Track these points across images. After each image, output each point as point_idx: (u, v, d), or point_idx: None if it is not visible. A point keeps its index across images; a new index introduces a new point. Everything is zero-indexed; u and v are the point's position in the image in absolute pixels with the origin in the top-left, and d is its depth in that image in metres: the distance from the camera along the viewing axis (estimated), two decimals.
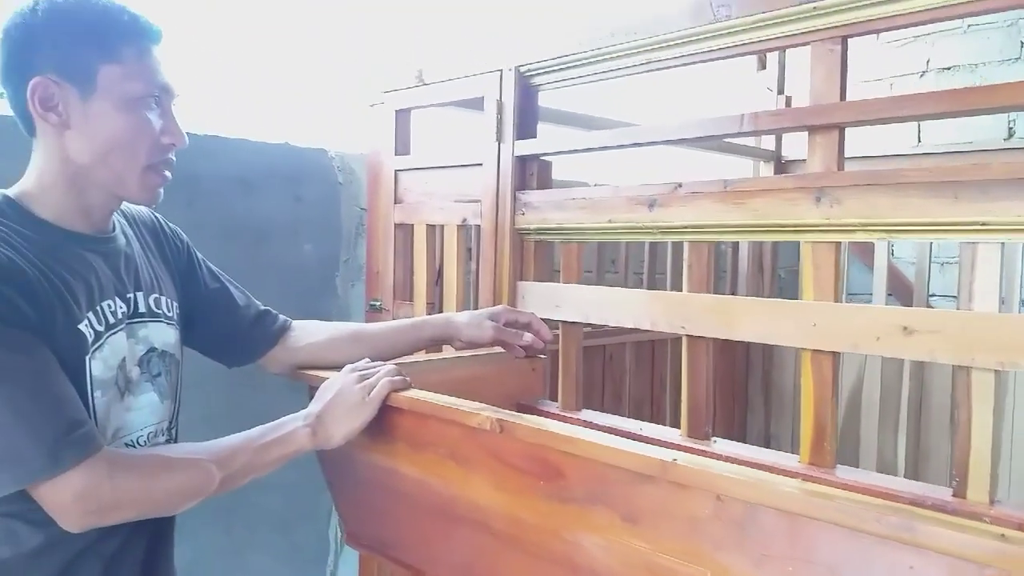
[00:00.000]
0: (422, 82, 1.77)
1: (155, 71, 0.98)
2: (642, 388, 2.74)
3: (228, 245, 1.82)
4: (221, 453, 0.99)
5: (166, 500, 0.95)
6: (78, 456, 0.86)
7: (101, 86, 0.95)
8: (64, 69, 0.94)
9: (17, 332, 0.87)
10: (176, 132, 1.00)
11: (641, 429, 1.36)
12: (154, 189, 1.01)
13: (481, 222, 1.64)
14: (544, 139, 1.57)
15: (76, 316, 0.94)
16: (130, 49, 0.95)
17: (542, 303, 1.53)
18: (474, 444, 0.98)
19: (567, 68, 1.49)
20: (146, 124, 0.97)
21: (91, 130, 0.96)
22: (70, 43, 0.94)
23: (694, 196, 1.27)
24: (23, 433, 0.85)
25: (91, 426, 0.90)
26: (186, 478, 0.95)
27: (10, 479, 0.86)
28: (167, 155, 1.00)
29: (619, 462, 0.81)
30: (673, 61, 1.33)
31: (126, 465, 0.91)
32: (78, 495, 0.86)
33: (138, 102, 0.96)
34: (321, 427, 1.06)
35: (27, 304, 0.88)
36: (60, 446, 0.86)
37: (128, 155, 0.97)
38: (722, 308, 1.25)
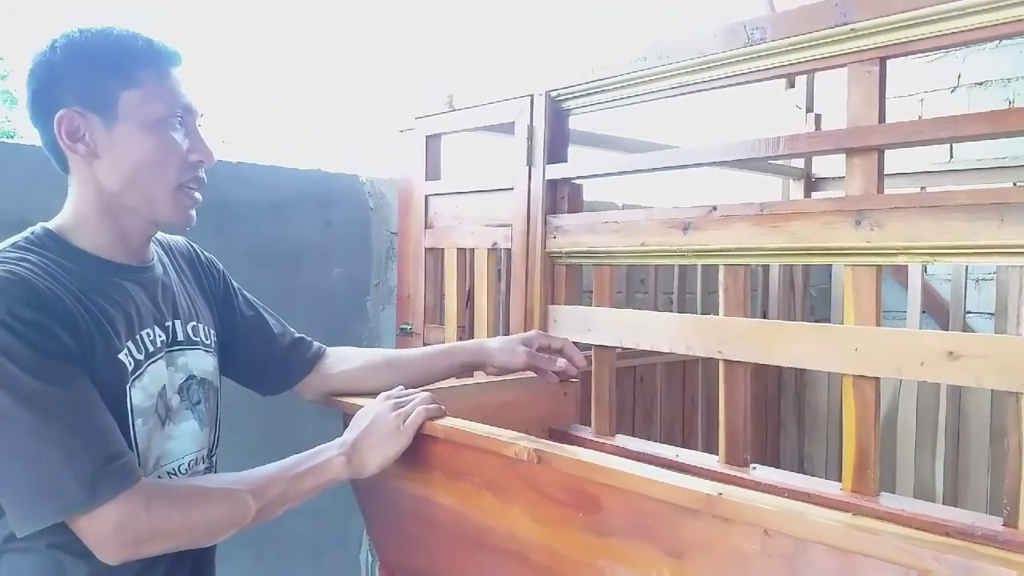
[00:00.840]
0: (452, 107, 1.77)
1: (175, 91, 0.99)
2: (673, 410, 2.71)
3: (259, 270, 1.83)
4: (257, 483, 0.98)
5: (203, 531, 0.95)
6: (115, 488, 0.86)
7: (123, 112, 0.96)
8: (86, 100, 0.96)
9: (58, 364, 0.87)
10: (203, 149, 1.01)
11: (678, 456, 1.34)
12: (187, 209, 1.02)
13: (512, 246, 1.63)
14: (575, 163, 1.57)
15: (116, 346, 0.95)
16: (148, 72, 0.97)
17: (574, 327, 1.51)
18: (511, 474, 0.97)
19: (598, 92, 1.49)
20: (171, 144, 0.98)
21: (118, 156, 0.97)
22: (89, 74, 0.96)
23: (729, 219, 1.26)
24: (62, 465, 0.85)
25: (130, 458, 0.90)
26: (223, 509, 0.95)
27: (49, 512, 0.86)
28: (196, 173, 1.01)
29: (661, 495, 0.80)
30: (706, 84, 1.32)
31: (163, 497, 0.91)
32: (115, 527, 0.87)
33: (161, 123, 0.97)
34: (356, 455, 1.05)
35: (68, 335, 0.89)
36: (98, 478, 0.86)
37: (157, 176, 0.98)
38: (760, 332, 1.23)
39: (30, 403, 0.84)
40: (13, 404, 0.84)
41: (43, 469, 0.85)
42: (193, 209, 1.03)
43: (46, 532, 0.90)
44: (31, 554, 0.93)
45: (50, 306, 0.89)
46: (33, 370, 0.85)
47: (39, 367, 0.86)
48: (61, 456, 0.85)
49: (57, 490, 0.85)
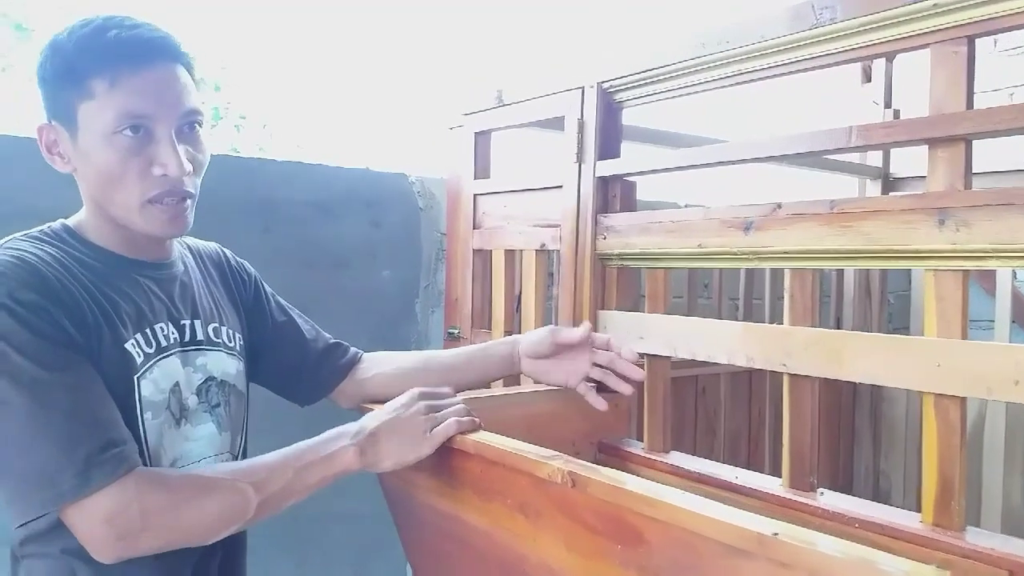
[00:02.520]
0: (501, 102, 1.70)
1: (133, 99, 0.89)
2: (738, 423, 2.57)
3: (306, 272, 1.80)
4: (259, 475, 0.91)
5: (199, 526, 0.88)
6: (108, 476, 0.82)
7: (82, 125, 0.91)
8: (55, 113, 0.93)
9: (58, 349, 0.84)
10: (164, 161, 0.91)
11: (737, 478, 1.23)
12: (165, 223, 0.94)
13: (560, 247, 1.55)
14: (628, 159, 1.47)
15: (122, 335, 0.92)
16: (101, 81, 0.89)
17: (625, 334, 1.42)
18: (544, 497, 0.89)
19: (653, 83, 1.39)
20: (123, 158, 0.90)
21: (85, 170, 0.94)
22: (55, 86, 0.92)
23: (796, 218, 1.14)
24: (56, 453, 0.81)
25: (129, 447, 0.85)
26: (220, 502, 0.88)
27: (41, 500, 0.82)
28: (168, 186, 0.92)
29: (709, 532, 0.70)
30: (770, 71, 1.21)
31: (156, 485, 0.86)
32: (106, 518, 0.82)
33: (114, 137, 0.90)
34: (371, 448, 0.97)
35: (70, 322, 0.86)
36: (92, 466, 0.82)
37: (118, 192, 0.92)
38: (829, 344, 1.11)
39: (28, 389, 0.82)
40: (11, 390, 0.81)
41: (37, 457, 0.81)
42: (172, 220, 0.94)
43: (59, 537, 0.87)
44: (46, 559, 0.90)
45: (53, 292, 0.86)
46: (32, 355, 0.82)
47: (39, 352, 0.83)
48: (56, 444, 0.81)
49: (50, 478, 0.81)
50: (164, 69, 0.93)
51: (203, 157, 0.98)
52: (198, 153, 0.97)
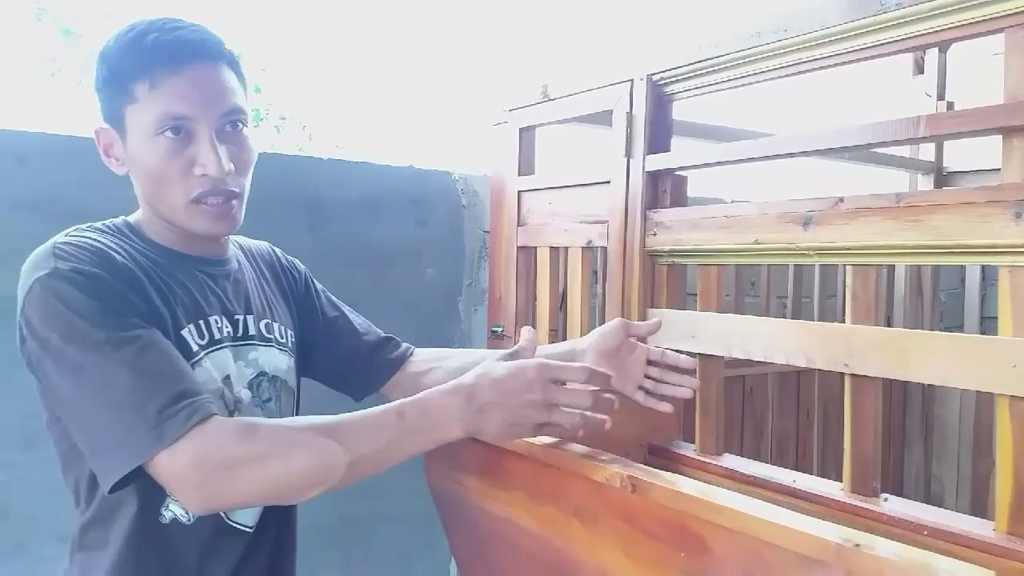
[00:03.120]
0: (547, 97, 1.67)
1: (172, 100, 0.89)
2: (786, 424, 2.51)
3: (351, 270, 1.79)
4: (350, 433, 0.84)
5: (285, 481, 0.82)
6: (182, 426, 0.79)
7: (129, 128, 0.92)
8: (108, 118, 0.95)
9: (123, 316, 0.84)
10: (206, 161, 0.91)
11: (795, 482, 1.19)
12: (210, 222, 0.94)
13: (608, 244, 1.51)
14: (678, 152, 1.43)
15: (180, 322, 0.92)
16: (142, 84, 0.90)
17: (676, 333, 1.38)
18: (602, 502, 0.86)
19: (705, 74, 1.35)
20: (165, 158, 0.91)
21: (135, 172, 0.95)
22: (105, 91, 0.94)
23: (859, 212, 1.10)
24: (128, 413, 0.80)
25: (202, 399, 0.83)
26: (308, 459, 0.82)
27: (118, 463, 0.81)
28: (209, 186, 0.92)
29: (781, 541, 0.66)
30: (830, 60, 1.16)
31: (242, 433, 0.82)
32: (193, 461, 0.79)
33: (156, 138, 0.90)
34: (481, 412, 0.86)
35: (136, 297, 0.87)
36: (165, 418, 0.80)
37: (163, 193, 0.93)
38: (895, 343, 1.06)
39: (97, 354, 0.81)
40: (81, 356, 0.81)
41: (112, 420, 0.81)
42: (218, 219, 0.94)
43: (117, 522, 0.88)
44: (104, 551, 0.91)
45: (119, 270, 0.87)
46: (98, 321, 0.82)
47: (104, 318, 0.83)
48: (127, 403, 0.80)
49: (125, 438, 0.80)
50: (204, 69, 0.93)
51: (248, 156, 0.97)
52: (242, 152, 0.96)
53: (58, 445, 0.92)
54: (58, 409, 0.86)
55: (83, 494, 0.91)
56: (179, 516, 0.91)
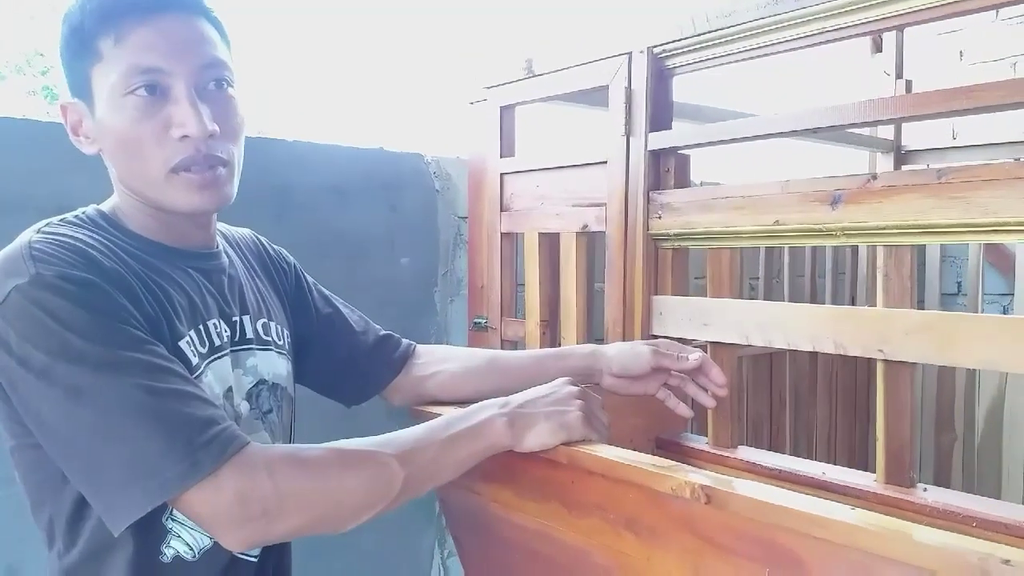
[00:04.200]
0: (532, 73, 1.57)
1: (140, 54, 0.77)
2: (760, 406, 2.49)
3: (322, 261, 1.65)
4: (403, 446, 0.79)
5: (343, 505, 0.75)
6: (219, 454, 0.69)
7: (96, 93, 0.79)
8: (73, 87, 0.82)
9: (123, 327, 0.72)
10: (183, 120, 0.78)
11: (824, 474, 1.13)
12: (194, 193, 0.81)
13: (606, 228, 1.43)
14: (684, 130, 1.35)
15: (179, 331, 0.79)
16: (106, 40, 0.77)
17: (685, 321, 1.31)
18: (662, 514, 0.77)
19: (713, 45, 1.27)
20: (142, 121, 0.78)
21: (107, 146, 0.81)
22: (66, 57, 0.81)
23: (894, 190, 1.04)
24: (152, 437, 0.68)
25: (233, 427, 0.73)
26: (365, 477, 0.76)
27: (145, 494, 0.68)
28: (191, 151, 0.79)
29: (902, 555, 0.59)
30: (857, 28, 1.10)
31: (289, 459, 0.73)
32: (238, 497, 0.69)
33: (124, 99, 0.77)
34: (520, 421, 0.86)
35: (129, 304, 0.75)
36: (196, 447, 0.69)
37: (139, 164, 0.80)
38: (936, 327, 1.01)
39: (99, 373, 0.69)
40: (79, 376, 0.69)
41: (130, 445, 0.69)
42: (203, 189, 0.81)
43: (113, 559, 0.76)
44: None
45: (107, 272, 0.74)
46: (95, 336, 0.70)
47: (103, 332, 0.70)
48: (147, 427, 0.69)
49: (151, 466, 0.68)
50: (178, 19, 0.80)
51: (237, 121, 0.85)
52: (228, 114, 0.83)
53: (27, 477, 0.79)
54: (41, 436, 0.73)
55: (61, 533, 0.78)
56: (182, 553, 0.79)
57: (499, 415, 0.85)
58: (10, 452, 0.79)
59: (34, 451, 0.75)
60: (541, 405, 0.88)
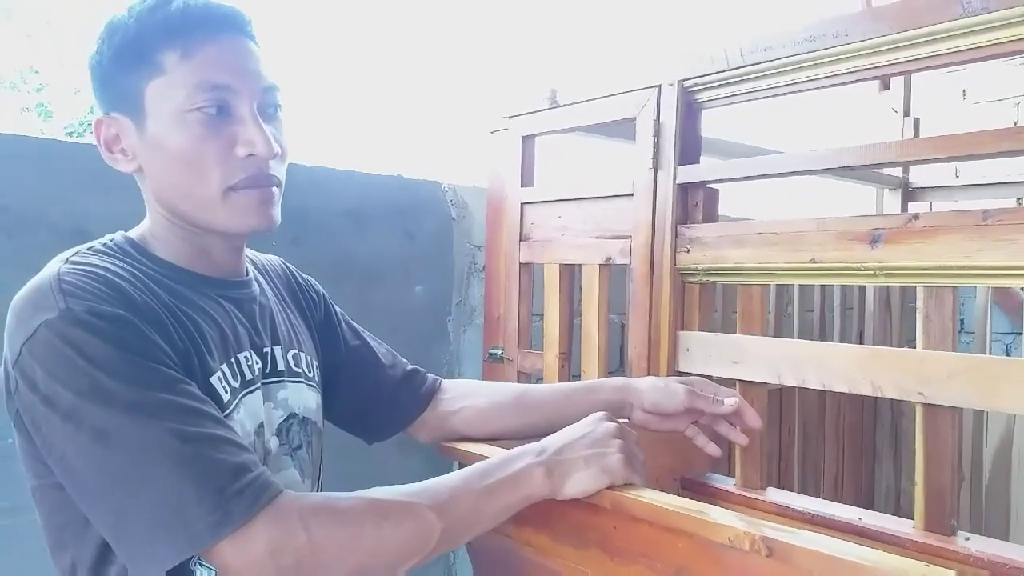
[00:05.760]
0: (555, 103, 1.56)
1: (208, 70, 0.76)
2: (770, 441, 2.46)
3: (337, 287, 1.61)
4: (439, 496, 0.76)
5: (378, 559, 0.72)
6: (252, 505, 0.66)
7: (150, 108, 0.77)
8: (118, 101, 0.78)
9: (155, 367, 0.69)
10: (251, 139, 0.77)
11: (860, 519, 1.10)
12: (249, 214, 0.79)
13: (631, 261, 1.41)
14: (715, 164, 1.34)
15: (210, 367, 0.76)
16: (171, 53, 0.76)
17: (714, 358, 1.28)
18: (716, 566, 0.74)
19: (744, 80, 1.26)
20: (207, 139, 0.76)
21: (155, 164, 0.79)
22: (116, 69, 0.78)
23: (938, 230, 1.02)
24: (181, 487, 0.65)
25: (266, 473, 0.70)
26: (401, 530, 0.72)
27: (173, 547, 0.65)
28: (253, 170, 0.78)
29: None
30: (900, 66, 1.09)
31: (323, 511, 0.70)
32: (270, 550, 0.65)
33: (189, 115, 0.76)
34: (558, 469, 0.82)
35: (162, 340, 0.72)
36: (228, 496, 0.65)
37: (197, 182, 0.77)
38: (980, 370, 0.99)
39: (129, 415, 0.66)
40: (108, 418, 0.66)
41: (158, 494, 0.65)
42: (263, 209, 0.80)
43: None
44: None
45: (139, 307, 0.71)
46: (126, 376, 0.67)
47: (134, 372, 0.67)
48: (177, 474, 0.65)
49: (179, 517, 0.65)
50: (239, 40, 0.80)
51: (287, 147, 0.83)
52: (283, 138, 0.83)
53: (49, 518, 0.75)
54: (65, 480, 0.69)
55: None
56: None
57: (536, 464, 0.82)
58: (31, 491, 0.76)
59: (56, 492, 0.72)
60: (579, 449, 0.84)
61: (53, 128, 8.56)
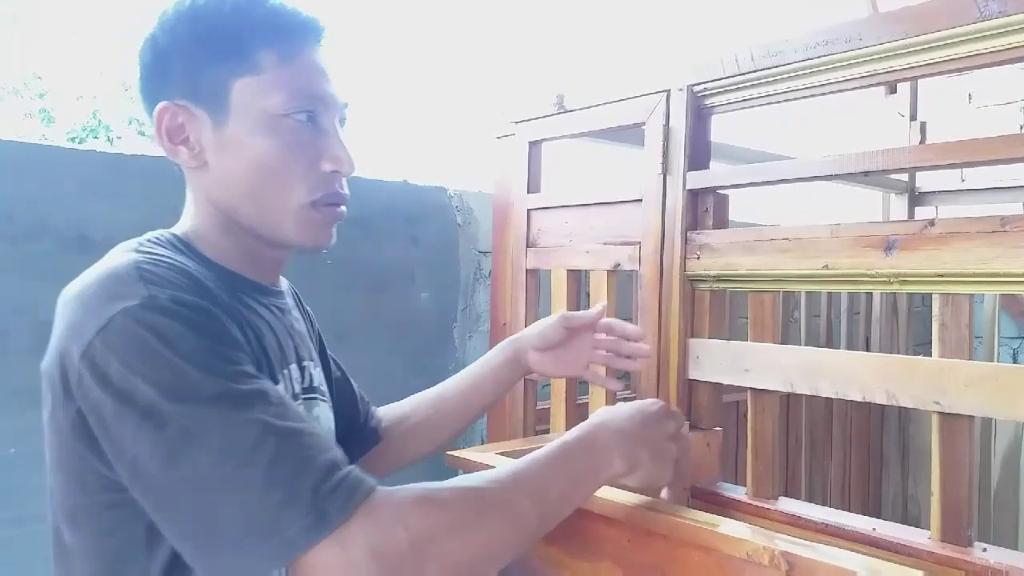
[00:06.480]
0: (563, 108, 1.54)
1: (305, 77, 0.75)
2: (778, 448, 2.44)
3: (342, 292, 1.62)
4: (532, 485, 0.71)
5: (482, 553, 0.66)
6: (345, 506, 0.61)
7: (235, 106, 0.74)
8: (193, 91, 0.74)
9: (240, 359, 0.66)
10: (338, 155, 0.77)
11: (875, 530, 1.09)
12: (321, 230, 0.78)
13: (640, 267, 1.39)
14: (726, 170, 1.33)
15: (274, 375, 0.75)
16: (269, 53, 0.73)
17: (724, 366, 1.27)
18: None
19: (755, 85, 1.25)
20: (296, 148, 0.74)
21: (229, 164, 0.75)
22: (197, 57, 0.74)
23: (954, 237, 1.01)
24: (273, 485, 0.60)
25: (357, 470, 0.65)
26: (502, 522, 0.68)
27: (262, 559, 0.60)
28: (334, 187, 0.77)
29: None
30: (909, 72, 1.08)
31: (421, 505, 0.64)
32: (371, 552, 0.60)
33: (281, 121, 0.74)
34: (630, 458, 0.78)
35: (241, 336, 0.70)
36: (321, 497, 0.60)
37: (276, 190, 0.75)
38: (998, 379, 0.97)
39: (216, 409, 0.62)
40: (194, 415, 0.61)
41: (246, 496, 0.60)
42: (331, 228, 0.80)
43: None
44: None
45: (217, 299, 0.69)
46: (214, 368, 0.63)
47: (219, 364, 0.64)
48: (266, 476, 0.60)
49: (271, 520, 0.59)
50: (318, 53, 0.78)
51: None
52: None
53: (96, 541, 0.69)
54: (136, 486, 0.64)
55: None
56: None
57: (616, 452, 0.77)
58: (68, 512, 0.69)
59: (109, 511, 0.67)
60: (650, 442, 0.81)
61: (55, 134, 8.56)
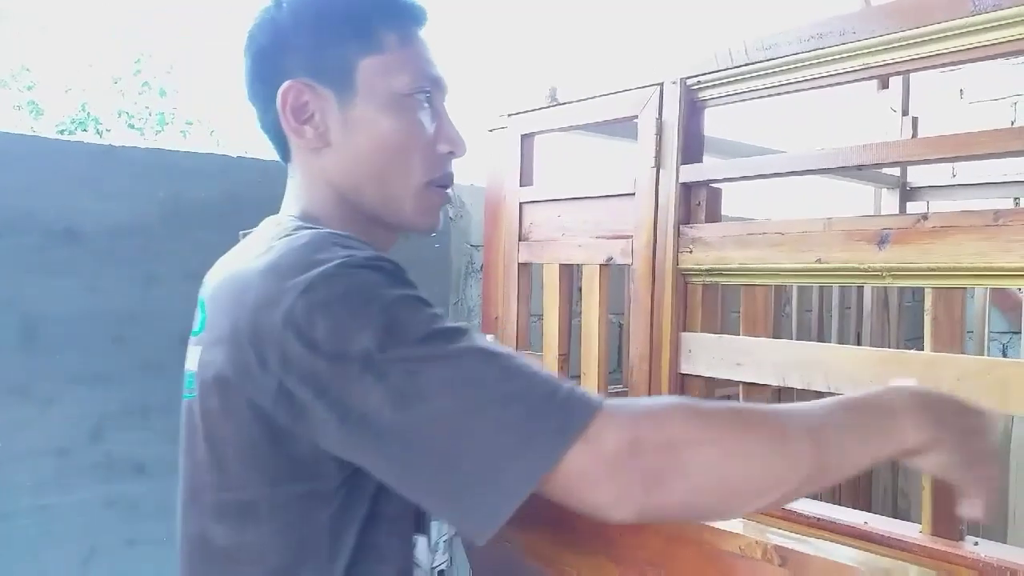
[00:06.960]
0: (555, 101, 1.54)
1: (424, 59, 0.78)
2: None
3: None
4: (811, 422, 0.63)
5: (744, 476, 0.60)
6: (589, 404, 0.60)
7: (362, 85, 0.76)
8: (318, 70, 0.76)
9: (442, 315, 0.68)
10: (454, 137, 0.80)
11: (866, 523, 1.08)
12: (435, 212, 0.81)
13: (632, 261, 1.39)
14: (719, 164, 1.32)
15: None
16: (392, 34, 0.76)
17: (717, 360, 1.27)
18: (726, 575, 0.72)
19: (749, 79, 1.24)
20: (418, 128, 0.77)
21: (354, 143, 0.77)
22: (323, 36, 0.75)
23: (948, 231, 1.00)
24: (511, 406, 0.59)
25: None
26: (773, 446, 0.61)
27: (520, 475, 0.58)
28: (448, 168, 0.80)
29: None
30: (905, 65, 1.08)
31: (684, 409, 0.62)
32: (628, 444, 0.58)
33: (406, 100, 0.77)
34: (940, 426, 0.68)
35: None
36: (560, 401, 0.60)
37: (400, 170, 0.78)
38: (991, 373, 0.97)
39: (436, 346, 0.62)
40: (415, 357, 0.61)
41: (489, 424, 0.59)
42: (439, 212, 0.83)
43: None
44: None
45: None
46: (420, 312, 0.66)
47: (424, 307, 0.67)
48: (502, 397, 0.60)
49: (520, 439, 0.58)
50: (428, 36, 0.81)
51: None
52: None
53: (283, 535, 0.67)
54: (369, 443, 0.62)
55: None
56: None
57: (914, 424, 0.67)
58: (242, 508, 0.68)
59: (301, 502, 0.67)
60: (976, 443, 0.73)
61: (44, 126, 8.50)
